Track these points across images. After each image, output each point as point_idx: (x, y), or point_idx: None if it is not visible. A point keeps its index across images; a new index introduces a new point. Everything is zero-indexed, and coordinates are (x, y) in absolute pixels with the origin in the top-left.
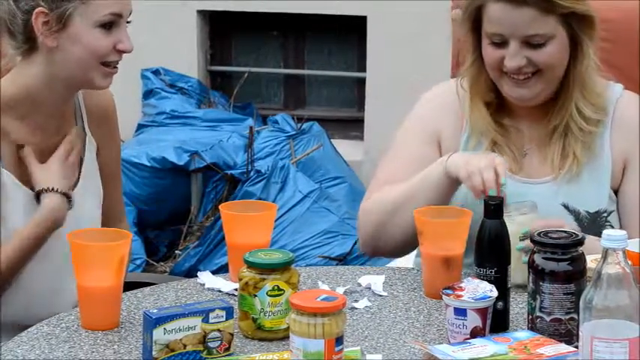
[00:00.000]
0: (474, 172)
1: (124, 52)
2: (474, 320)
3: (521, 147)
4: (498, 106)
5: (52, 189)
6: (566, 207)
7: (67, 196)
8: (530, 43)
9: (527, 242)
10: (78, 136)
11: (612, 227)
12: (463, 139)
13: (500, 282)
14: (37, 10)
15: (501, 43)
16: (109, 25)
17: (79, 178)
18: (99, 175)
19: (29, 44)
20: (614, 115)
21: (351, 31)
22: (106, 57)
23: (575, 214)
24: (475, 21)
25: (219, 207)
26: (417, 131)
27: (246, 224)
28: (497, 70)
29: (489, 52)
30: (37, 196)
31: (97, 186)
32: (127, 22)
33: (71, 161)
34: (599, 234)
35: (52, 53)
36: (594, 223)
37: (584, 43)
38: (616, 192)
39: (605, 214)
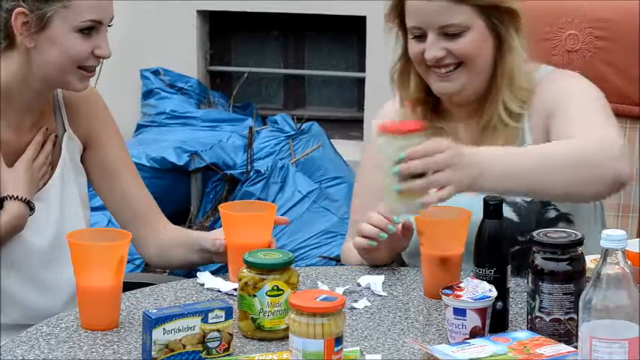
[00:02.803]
0: (359, 228)
1: (102, 57)
2: (473, 320)
3: None
4: (433, 109)
5: (16, 197)
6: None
7: (30, 203)
8: (447, 33)
9: (403, 167)
10: (50, 138)
11: (557, 210)
12: None
13: (500, 282)
14: (17, 10)
15: (421, 36)
16: (88, 31)
17: (52, 176)
18: (84, 173)
19: (8, 41)
20: (533, 101)
21: (350, 32)
22: (83, 61)
23: (513, 205)
24: (400, 16)
25: (219, 207)
26: (368, 163)
27: (245, 224)
28: (423, 64)
29: (412, 47)
30: (0, 202)
31: (79, 185)
32: (109, 26)
33: (38, 165)
34: (541, 220)
35: (29, 53)
36: (533, 210)
37: (508, 36)
38: None
39: (541, 200)
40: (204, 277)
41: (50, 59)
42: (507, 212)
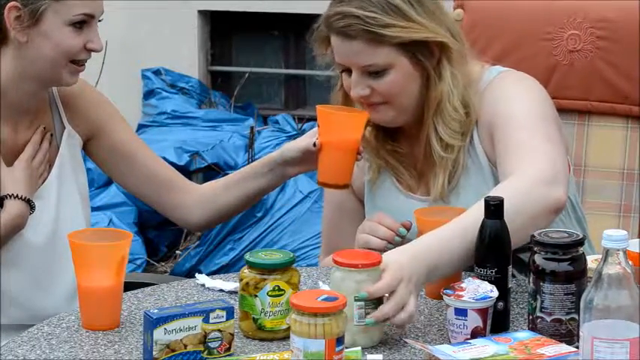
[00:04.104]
0: (364, 241)
1: (94, 51)
2: (474, 320)
3: (415, 165)
4: (385, 131)
5: (16, 195)
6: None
7: (30, 202)
8: (369, 71)
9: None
10: (46, 137)
11: None
12: (366, 168)
13: (501, 282)
14: (10, 4)
15: (349, 70)
16: (80, 25)
17: (49, 174)
18: (84, 170)
19: (1, 36)
20: (481, 110)
21: None
22: (75, 55)
23: None
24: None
25: (317, 107)
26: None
27: (342, 122)
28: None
29: (344, 79)
30: (0, 201)
31: (78, 182)
32: (99, 21)
33: (37, 163)
34: None
35: (22, 48)
36: None
37: (438, 68)
38: None
39: None
40: (203, 279)
41: (43, 53)
42: None
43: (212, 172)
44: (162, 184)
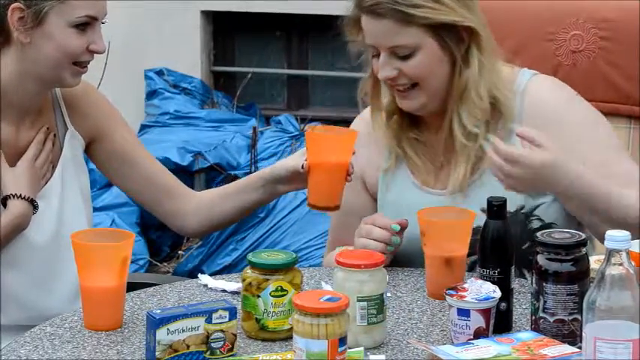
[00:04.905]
0: (362, 244)
1: (96, 52)
2: (477, 321)
3: (434, 158)
4: (410, 119)
5: (19, 195)
6: (484, 211)
7: (33, 202)
8: (397, 54)
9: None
10: (50, 137)
11: (541, 220)
12: (384, 158)
13: (504, 283)
14: (13, 5)
15: (378, 54)
16: (83, 26)
17: (52, 174)
18: (86, 170)
19: (4, 37)
20: (522, 113)
21: None
22: (78, 57)
23: None
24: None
25: (305, 131)
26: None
27: (330, 145)
28: (384, 81)
29: (373, 64)
30: (4, 201)
31: (80, 182)
32: (102, 23)
33: (40, 163)
34: (525, 230)
35: (24, 49)
36: (517, 221)
37: (467, 55)
38: None
39: (524, 211)
40: (206, 280)
41: (45, 54)
42: None
43: (214, 172)
44: (161, 191)
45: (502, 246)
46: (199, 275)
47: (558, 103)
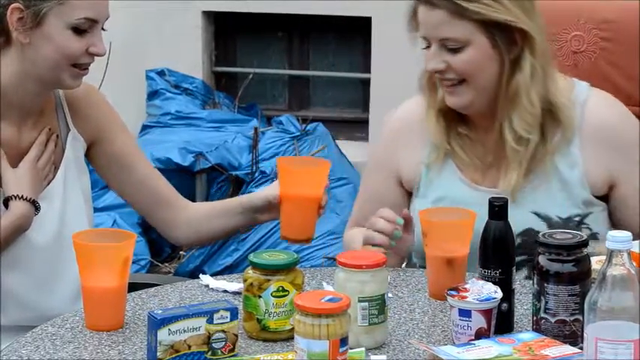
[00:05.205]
0: (366, 236)
1: (96, 55)
2: (478, 321)
3: (483, 156)
4: (460, 116)
5: (20, 196)
6: (537, 214)
7: (35, 203)
8: (447, 47)
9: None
10: (52, 138)
11: (590, 230)
12: (425, 153)
13: (505, 283)
14: (13, 5)
15: (429, 46)
16: (83, 29)
17: (55, 175)
18: (87, 171)
19: (4, 37)
20: (583, 126)
21: (355, 32)
22: (77, 59)
23: (547, 220)
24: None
25: (277, 160)
26: (377, 167)
27: (303, 178)
28: (434, 75)
29: (425, 57)
30: (5, 202)
31: (82, 183)
32: (103, 30)
33: (42, 164)
34: None
35: (24, 49)
36: (567, 228)
37: (519, 58)
38: (600, 197)
39: (577, 219)
40: (207, 280)
41: (44, 56)
42: (540, 227)
43: (216, 172)
44: (156, 199)
45: (503, 246)
46: (201, 276)
47: (619, 120)
